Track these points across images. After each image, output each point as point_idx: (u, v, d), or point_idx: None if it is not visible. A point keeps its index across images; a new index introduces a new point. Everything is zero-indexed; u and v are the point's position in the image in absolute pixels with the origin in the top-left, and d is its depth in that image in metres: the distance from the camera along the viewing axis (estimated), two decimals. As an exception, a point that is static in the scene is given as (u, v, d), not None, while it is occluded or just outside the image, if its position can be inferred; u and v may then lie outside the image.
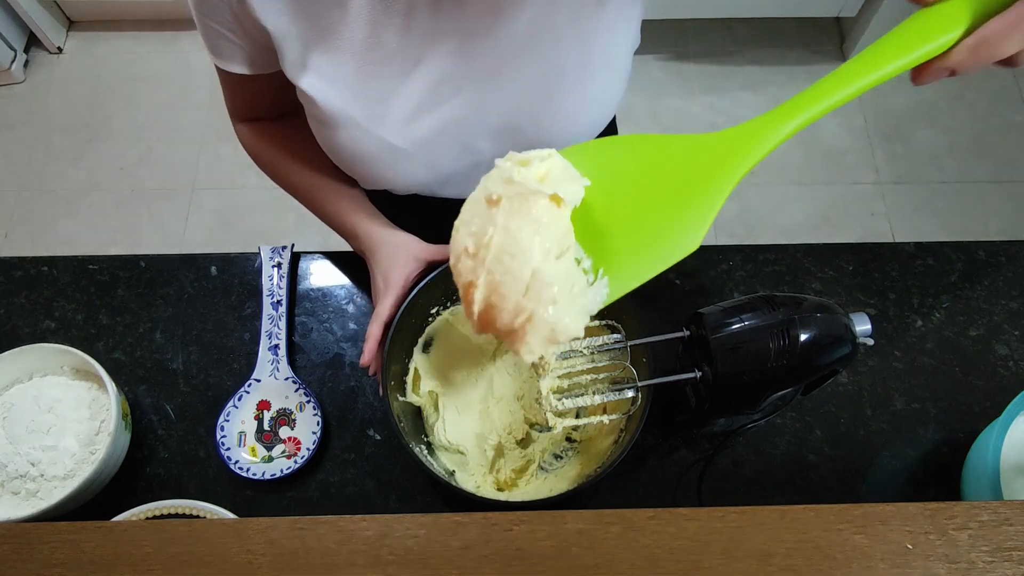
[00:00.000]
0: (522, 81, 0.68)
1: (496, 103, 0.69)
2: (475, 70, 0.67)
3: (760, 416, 0.74)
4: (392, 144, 0.69)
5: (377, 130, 0.68)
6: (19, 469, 0.74)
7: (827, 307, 0.66)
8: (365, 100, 0.67)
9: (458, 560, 0.55)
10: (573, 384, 0.70)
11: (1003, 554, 0.54)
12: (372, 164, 0.72)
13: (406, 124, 0.69)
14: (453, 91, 0.68)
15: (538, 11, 0.64)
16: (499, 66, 0.67)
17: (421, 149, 0.71)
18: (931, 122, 2.11)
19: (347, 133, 0.69)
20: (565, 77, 0.69)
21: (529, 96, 0.69)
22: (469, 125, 0.70)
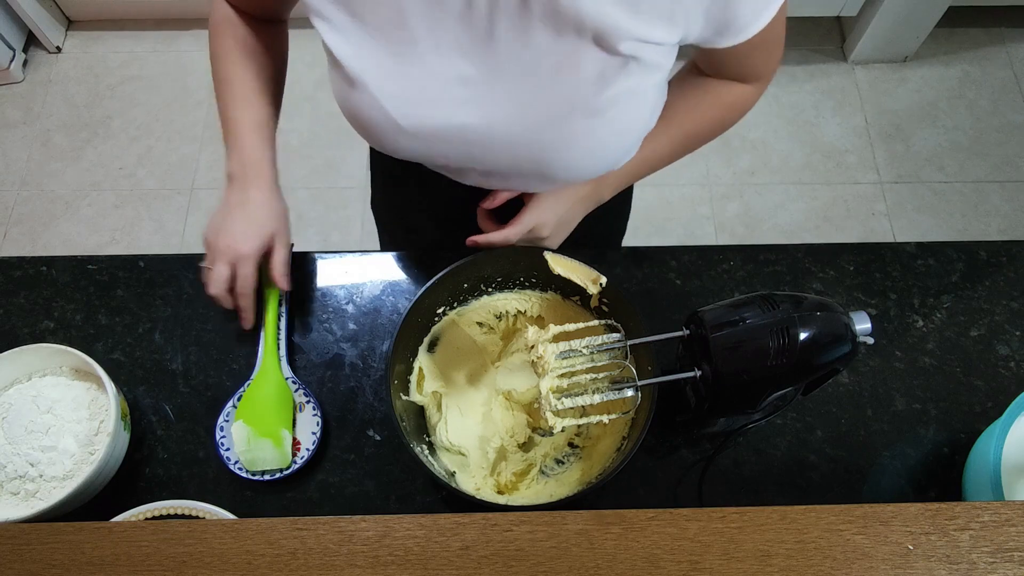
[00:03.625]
0: (531, 115, 0.68)
1: (504, 123, 0.69)
2: (493, 85, 0.66)
3: (760, 416, 0.74)
4: (396, 122, 0.69)
5: (386, 104, 0.68)
6: (18, 470, 0.73)
7: (827, 306, 0.66)
8: (379, 72, 0.67)
9: (458, 561, 0.55)
10: (573, 384, 0.70)
11: (1004, 555, 0.54)
12: (374, 129, 0.72)
13: (414, 109, 0.68)
14: (467, 96, 0.67)
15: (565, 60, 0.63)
16: (515, 91, 0.66)
17: (424, 136, 0.71)
18: (932, 122, 2.11)
19: (357, 95, 0.69)
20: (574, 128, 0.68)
21: (535, 131, 0.69)
22: (473, 133, 0.69)
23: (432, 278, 0.76)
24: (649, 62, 0.65)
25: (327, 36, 0.66)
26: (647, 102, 0.70)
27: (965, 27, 2.22)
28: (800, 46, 2.23)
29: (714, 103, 0.78)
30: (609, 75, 0.64)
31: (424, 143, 0.71)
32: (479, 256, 0.78)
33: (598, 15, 0.60)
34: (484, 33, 0.63)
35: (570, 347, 0.67)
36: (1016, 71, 2.19)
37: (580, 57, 0.63)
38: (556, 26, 0.61)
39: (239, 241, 0.76)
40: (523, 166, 0.73)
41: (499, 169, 0.75)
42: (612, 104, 0.66)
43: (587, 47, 0.62)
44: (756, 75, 0.77)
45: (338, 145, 2.08)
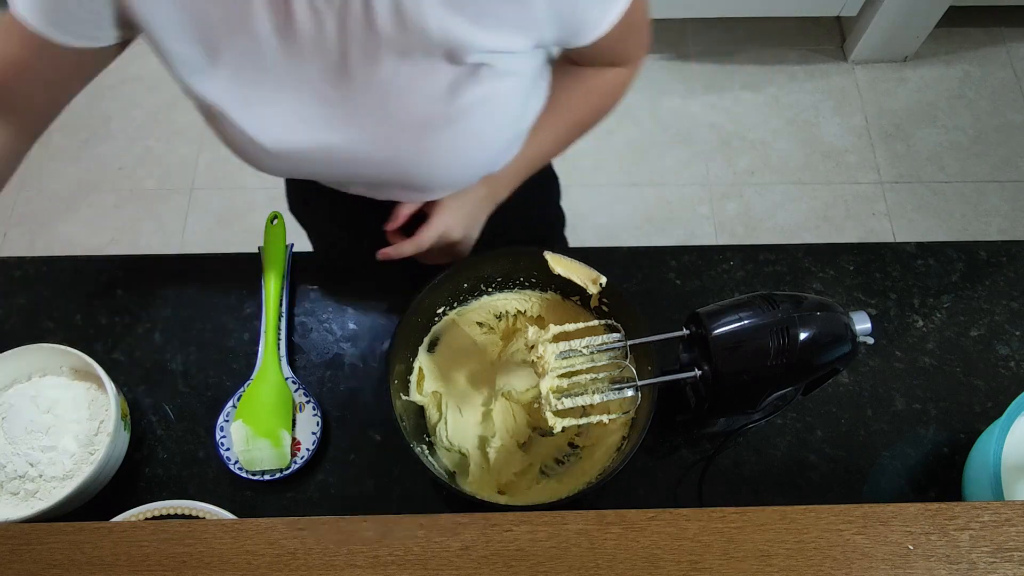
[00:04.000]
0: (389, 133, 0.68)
1: (365, 142, 0.69)
2: (351, 106, 0.67)
3: (760, 416, 0.74)
4: (263, 146, 0.69)
5: (250, 131, 0.68)
6: (18, 469, 0.73)
7: (827, 306, 0.66)
8: (240, 103, 0.67)
9: (458, 561, 0.55)
10: (573, 384, 0.70)
11: (1004, 555, 0.54)
12: (244, 154, 0.72)
13: (278, 135, 0.69)
14: (327, 118, 0.68)
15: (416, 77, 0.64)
16: (372, 111, 0.67)
17: (293, 158, 0.71)
18: (932, 122, 2.11)
19: (222, 124, 0.69)
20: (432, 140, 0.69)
21: (394, 148, 0.70)
22: (339, 153, 0.70)
23: (432, 278, 0.76)
24: (503, 69, 0.66)
25: (185, 74, 0.65)
26: (507, 106, 0.70)
27: (965, 27, 2.22)
28: (800, 46, 2.23)
29: (591, 91, 0.80)
30: (461, 85, 0.65)
31: (295, 164, 0.72)
32: (479, 256, 0.78)
33: (444, 33, 0.60)
34: (337, 59, 0.64)
35: (570, 347, 0.67)
36: (1016, 71, 2.19)
37: (431, 72, 0.64)
38: (404, 47, 0.62)
39: None
40: (396, 180, 0.74)
41: (375, 182, 0.76)
42: (466, 113, 0.67)
43: (437, 62, 0.63)
44: (626, 59, 0.79)
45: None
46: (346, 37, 0.62)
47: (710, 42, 2.24)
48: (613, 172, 2.03)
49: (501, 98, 0.69)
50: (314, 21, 0.60)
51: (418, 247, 0.78)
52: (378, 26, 0.60)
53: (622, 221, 1.97)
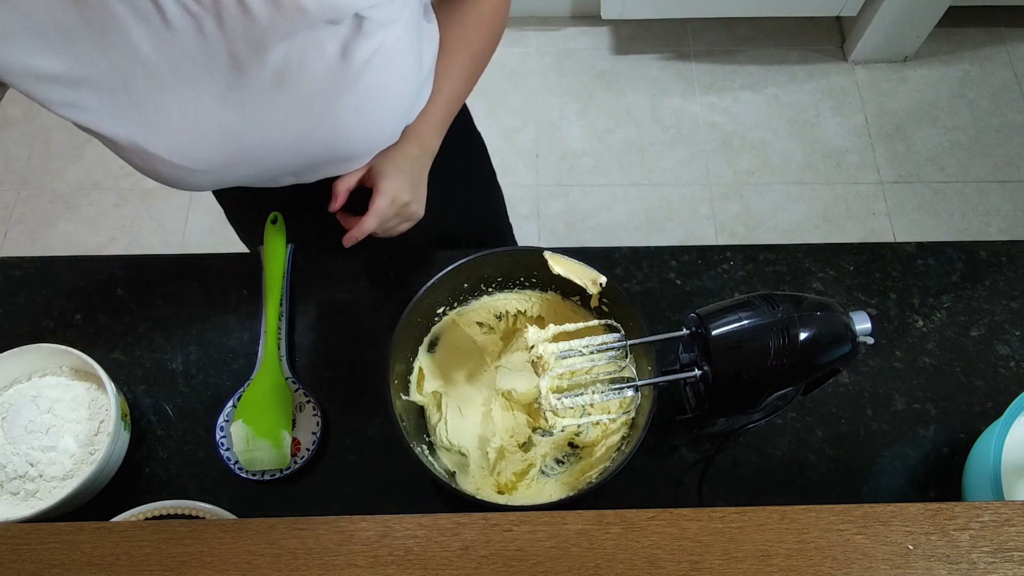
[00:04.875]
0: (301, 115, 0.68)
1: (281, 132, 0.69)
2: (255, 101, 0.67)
3: (760, 416, 0.74)
4: (182, 165, 0.69)
5: (163, 154, 0.68)
6: (18, 469, 0.73)
7: (827, 306, 0.66)
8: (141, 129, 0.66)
9: (458, 561, 0.55)
10: (573, 384, 0.70)
11: (1004, 555, 0.54)
12: (167, 178, 0.71)
13: (192, 151, 0.68)
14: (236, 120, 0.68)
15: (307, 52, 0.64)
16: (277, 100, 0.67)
17: (215, 169, 0.71)
18: (932, 121, 2.11)
19: (134, 156, 0.68)
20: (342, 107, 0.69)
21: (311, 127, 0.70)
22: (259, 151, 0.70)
23: (432, 278, 0.76)
24: (385, 19, 0.66)
25: (84, 119, 0.65)
26: (402, 54, 0.71)
27: (965, 27, 2.22)
28: (800, 46, 2.23)
29: (478, 19, 0.82)
30: (351, 45, 0.66)
31: (220, 174, 0.72)
32: (479, 256, 0.78)
33: (320, 4, 0.61)
34: (226, 59, 0.63)
35: (570, 347, 0.67)
36: (1016, 71, 2.19)
37: (319, 43, 0.64)
38: (287, 29, 0.62)
39: None
40: (320, 157, 0.74)
41: (303, 166, 0.75)
42: (364, 70, 0.68)
43: (321, 32, 0.64)
44: None
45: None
46: (228, 34, 0.61)
47: (710, 42, 2.24)
48: (613, 172, 2.03)
49: (393, 47, 0.69)
50: (192, 26, 0.60)
51: (379, 218, 0.78)
52: (255, 15, 0.60)
53: (622, 221, 1.97)
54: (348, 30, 0.65)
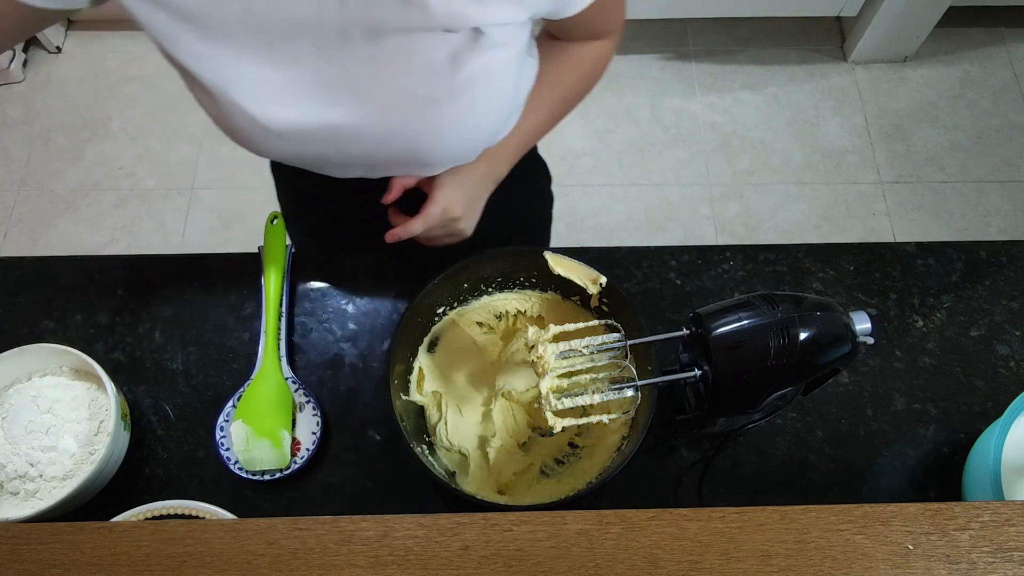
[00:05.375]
0: (394, 108, 0.69)
1: (369, 119, 0.69)
2: (353, 83, 0.67)
3: (760, 416, 0.74)
4: (264, 126, 0.69)
5: (250, 109, 0.68)
6: (18, 469, 0.73)
7: (827, 306, 0.66)
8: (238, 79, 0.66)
9: (458, 561, 0.55)
10: (573, 384, 0.70)
11: (1004, 555, 0.54)
12: (244, 135, 0.71)
13: (278, 112, 0.68)
14: (329, 96, 0.68)
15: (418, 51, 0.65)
16: (375, 87, 0.67)
17: (294, 137, 0.71)
18: (932, 121, 2.11)
19: (221, 105, 0.68)
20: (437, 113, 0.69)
21: (400, 123, 0.70)
22: (342, 131, 0.70)
23: (432, 278, 0.76)
24: (500, 39, 0.67)
25: (178, 53, 0.65)
26: (505, 77, 0.71)
27: (965, 27, 2.22)
28: (800, 46, 2.23)
29: (578, 63, 0.83)
30: (461, 57, 0.66)
31: (296, 144, 0.72)
32: (479, 256, 0.78)
33: (446, 8, 0.61)
34: (336, 36, 0.64)
35: (570, 347, 0.67)
36: (1016, 71, 2.19)
37: (431, 46, 0.65)
38: (405, 24, 0.62)
39: None
40: (398, 155, 0.74)
41: (377, 161, 0.76)
42: (470, 84, 0.68)
43: (437, 36, 0.64)
44: (606, 32, 0.81)
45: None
46: (346, 12, 0.62)
47: (710, 42, 2.24)
48: (613, 172, 2.03)
49: (499, 69, 0.70)
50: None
51: (425, 223, 0.78)
52: (379, 3, 0.60)
53: (622, 221, 1.97)
54: (462, 41, 0.65)
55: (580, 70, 0.83)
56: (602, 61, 0.84)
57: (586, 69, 0.83)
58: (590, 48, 0.82)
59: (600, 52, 0.83)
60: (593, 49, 0.82)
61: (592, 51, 0.82)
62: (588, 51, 0.82)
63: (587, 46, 0.82)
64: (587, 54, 0.82)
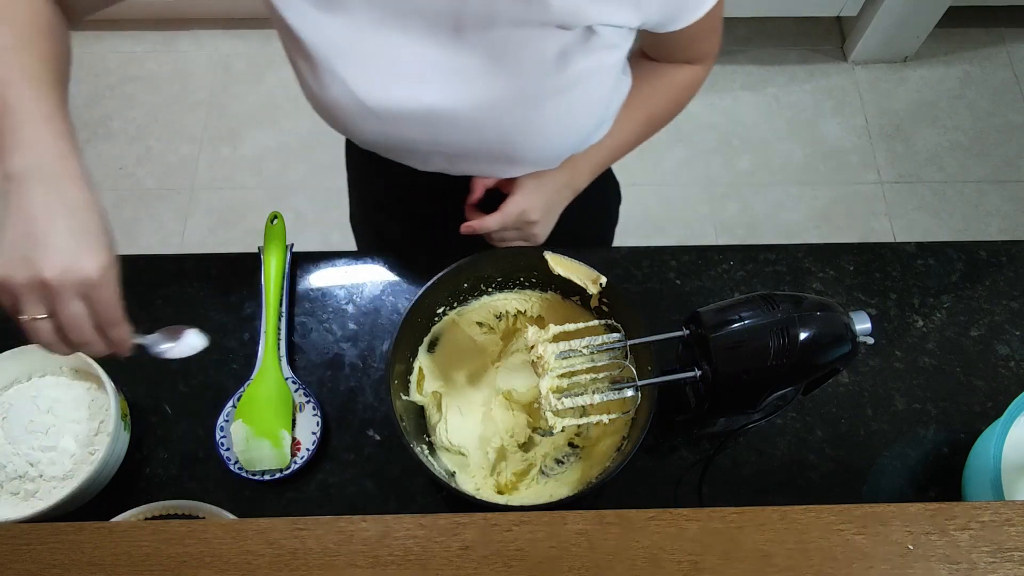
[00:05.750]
0: (496, 97, 0.69)
1: (469, 105, 0.70)
2: (458, 67, 0.67)
3: (760, 416, 0.74)
4: (363, 103, 0.69)
5: (351, 84, 0.68)
6: (18, 470, 0.73)
7: (827, 306, 0.66)
8: (344, 52, 0.67)
9: (458, 561, 0.55)
10: (573, 384, 0.70)
11: (1004, 555, 0.54)
12: (341, 113, 0.72)
13: (379, 90, 0.69)
14: (432, 77, 0.68)
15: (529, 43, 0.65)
16: (480, 74, 0.68)
17: (390, 117, 0.71)
18: (932, 122, 2.11)
19: (323, 78, 0.69)
20: (538, 108, 0.70)
21: (499, 112, 0.70)
22: (439, 114, 0.70)
23: (432, 278, 0.76)
24: (609, 41, 0.67)
25: (292, 18, 0.65)
26: (607, 81, 0.72)
27: (965, 27, 2.22)
28: (800, 46, 2.23)
29: (670, 85, 0.83)
30: (571, 54, 0.66)
31: (390, 125, 0.72)
32: (479, 256, 0.78)
33: (563, 5, 0.62)
34: (450, 21, 0.64)
35: (570, 347, 0.67)
36: (1016, 71, 2.19)
37: (543, 41, 0.65)
38: (521, 17, 0.63)
39: (81, 259, 0.55)
40: (490, 148, 0.74)
41: (466, 152, 0.76)
42: (574, 83, 0.68)
43: (550, 31, 0.64)
44: (702, 56, 0.82)
45: (338, 145, 2.07)
46: (465, 2, 0.63)
47: (710, 42, 2.24)
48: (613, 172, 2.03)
49: (603, 72, 0.70)
50: None
51: (502, 220, 0.79)
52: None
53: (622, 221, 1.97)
54: (573, 39, 0.66)
55: (671, 93, 0.83)
56: (694, 86, 0.84)
57: (677, 92, 0.83)
58: (683, 72, 0.82)
59: (693, 77, 0.83)
60: (686, 73, 0.82)
61: (685, 75, 0.82)
62: (681, 74, 0.82)
63: (680, 69, 0.82)
64: (680, 77, 0.82)
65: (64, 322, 0.55)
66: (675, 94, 0.84)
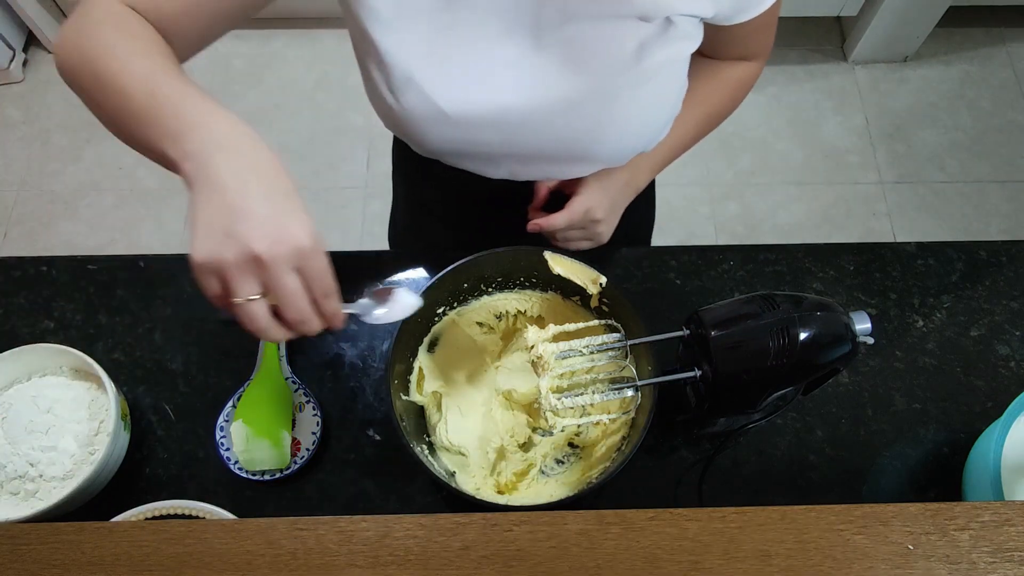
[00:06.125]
0: (574, 93, 0.69)
1: (548, 103, 0.70)
2: (536, 66, 0.67)
3: (760, 416, 0.74)
4: (442, 110, 0.69)
5: (431, 92, 0.68)
6: (18, 470, 0.73)
7: (827, 306, 0.66)
8: (423, 60, 0.67)
9: (458, 561, 0.55)
10: (573, 384, 0.70)
11: (1004, 555, 0.54)
12: (418, 125, 0.71)
13: (458, 95, 0.69)
14: (510, 79, 0.68)
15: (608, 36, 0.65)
16: (558, 71, 0.68)
17: (468, 123, 0.71)
18: (932, 122, 2.11)
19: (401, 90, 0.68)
20: (616, 102, 0.70)
21: (578, 108, 0.70)
22: (517, 115, 0.70)
23: (432, 278, 0.76)
24: (684, 31, 0.68)
25: (372, 28, 0.65)
26: (680, 75, 0.72)
27: (965, 27, 2.22)
28: (800, 46, 2.23)
29: (727, 81, 0.83)
30: (649, 46, 0.66)
31: (468, 131, 0.72)
32: (479, 256, 0.78)
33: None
34: (529, 19, 0.64)
35: (570, 347, 0.67)
36: (1016, 71, 2.19)
37: (622, 33, 0.65)
38: (600, 10, 0.63)
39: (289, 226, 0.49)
40: (566, 146, 0.74)
41: (541, 152, 0.76)
42: (651, 76, 0.68)
43: (628, 23, 0.64)
44: (757, 52, 0.82)
45: (338, 145, 2.08)
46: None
47: (710, 42, 2.24)
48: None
49: (678, 63, 0.71)
50: None
51: (568, 219, 0.79)
52: None
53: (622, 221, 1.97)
54: (652, 31, 0.66)
55: (727, 89, 0.83)
56: (748, 82, 0.84)
57: (733, 89, 0.83)
58: (739, 68, 0.82)
59: (748, 73, 0.83)
60: (741, 69, 0.83)
61: (740, 71, 0.83)
62: (737, 71, 0.82)
63: (736, 66, 0.82)
64: (736, 74, 0.83)
65: (281, 298, 0.50)
66: (731, 91, 0.84)
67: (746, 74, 0.83)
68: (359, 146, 2.08)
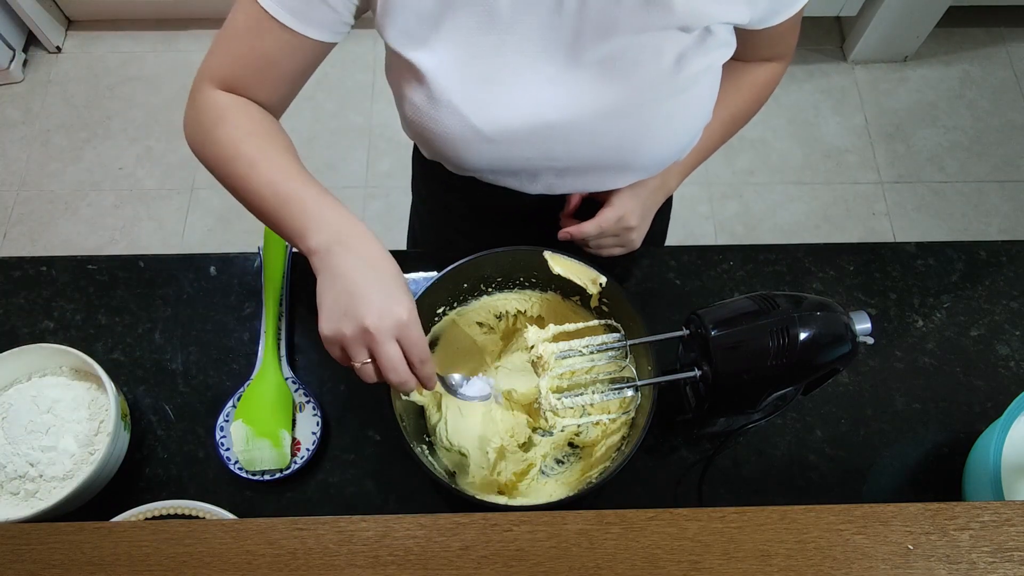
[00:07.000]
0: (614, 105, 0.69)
1: (587, 117, 0.70)
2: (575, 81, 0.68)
3: (760, 416, 0.74)
4: (479, 130, 0.69)
5: (468, 113, 0.68)
6: (18, 470, 0.73)
7: (827, 305, 0.66)
8: (461, 81, 0.67)
9: (458, 561, 0.55)
10: (573, 384, 0.70)
11: (1004, 554, 0.54)
12: (454, 144, 0.71)
13: (496, 114, 0.69)
14: (549, 94, 0.68)
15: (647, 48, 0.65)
16: (598, 84, 0.68)
17: (505, 140, 0.71)
18: (932, 122, 2.11)
19: (437, 111, 0.69)
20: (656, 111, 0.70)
21: (617, 119, 0.70)
22: (556, 130, 0.70)
23: (432, 278, 0.76)
24: (722, 39, 0.68)
25: (410, 52, 0.66)
26: (715, 82, 0.72)
27: (965, 27, 2.22)
28: (800, 46, 2.21)
29: (752, 83, 0.83)
30: (688, 55, 0.67)
31: (505, 148, 0.72)
32: (479, 256, 0.78)
33: (687, 6, 0.62)
34: (571, 32, 0.64)
35: (570, 347, 0.67)
36: (1016, 71, 2.19)
37: (663, 43, 0.65)
38: (643, 24, 0.63)
39: (392, 306, 0.60)
40: (605, 157, 0.74)
41: (580, 164, 0.75)
42: (689, 85, 0.69)
43: (669, 34, 0.65)
44: (782, 54, 0.83)
45: (338, 145, 2.08)
46: (584, 14, 0.63)
47: (710, 42, 2.24)
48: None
49: (714, 72, 0.71)
50: None
51: (600, 227, 0.79)
52: (620, 2, 0.61)
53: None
54: (691, 41, 0.66)
55: (753, 91, 0.84)
56: (773, 83, 0.85)
57: (758, 90, 0.84)
58: (763, 70, 0.83)
59: (773, 74, 0.84)
60: (766, 71, 0.83)
61: (765, 73, 0.83)
62: (761, 73, 0.83)
63: (760, 67, 0.82)
64: (760, 75, 0.83)
65: (383, 363, 0.61)
66: (756, 92, 0.84)
67: (771, 75, 0.84)
68: (359, 146, 2.08)
